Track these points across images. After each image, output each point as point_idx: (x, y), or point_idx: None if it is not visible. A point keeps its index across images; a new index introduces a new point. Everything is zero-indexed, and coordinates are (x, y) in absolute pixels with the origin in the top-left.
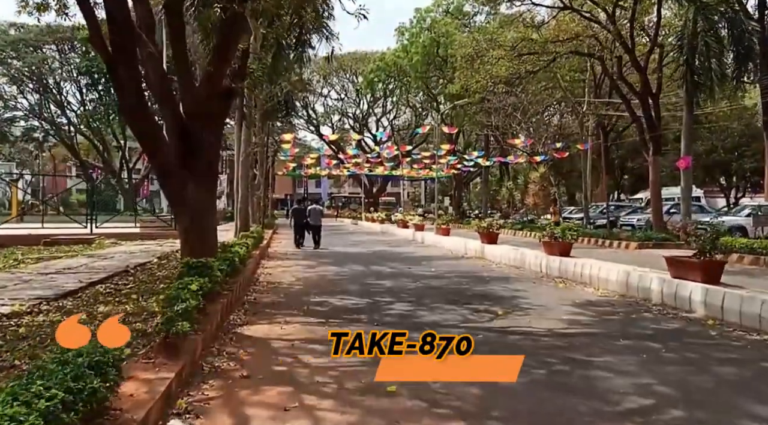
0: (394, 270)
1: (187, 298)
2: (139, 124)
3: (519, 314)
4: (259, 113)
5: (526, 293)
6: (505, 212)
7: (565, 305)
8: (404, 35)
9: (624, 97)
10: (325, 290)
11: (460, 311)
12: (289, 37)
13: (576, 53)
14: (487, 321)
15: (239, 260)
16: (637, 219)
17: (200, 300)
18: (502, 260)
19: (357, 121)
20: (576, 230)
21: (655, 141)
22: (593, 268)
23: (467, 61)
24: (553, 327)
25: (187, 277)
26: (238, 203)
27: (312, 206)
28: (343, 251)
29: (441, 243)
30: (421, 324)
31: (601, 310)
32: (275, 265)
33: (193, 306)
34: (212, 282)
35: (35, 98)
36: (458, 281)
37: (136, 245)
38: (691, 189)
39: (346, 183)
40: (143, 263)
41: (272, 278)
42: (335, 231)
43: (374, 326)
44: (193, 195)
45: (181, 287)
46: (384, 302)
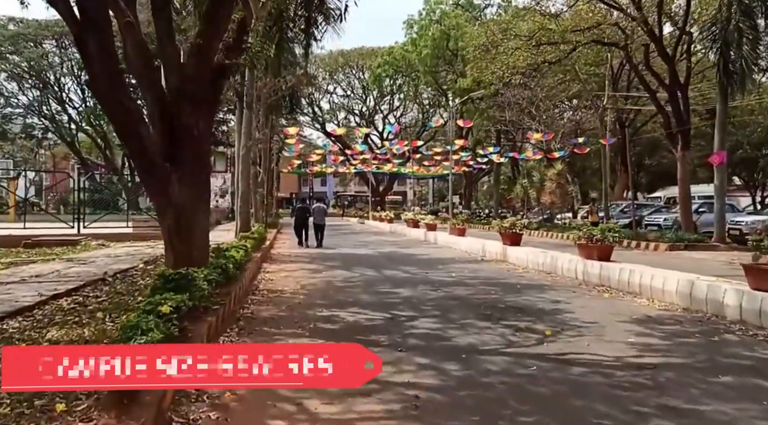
0: (410, 275)
1: (151, 328)
2: (114, 107)
3: (571, 334)
4: (262, 108)
5: (569, 306)
6: (517, 210)
7: (621, 321)
8: (413, 28)
9: (649, 88)
10: (334, 301)
11: (498, 329)
12: (295, 15)
13: (598, 43)
14: (534, 344)
15: (235, 266)
16: (663, 219)
17: (171, 328)
18: (528, 265)
19: (363, 118)
20: (618, 231)
21: (684, 135)
22: (644, 276)
23: (482, 51)
24: (621, 354)
25: (161, 294)
26: (238, 202)
27: (316, 204)
28: (351, 252)
29: (456, 244)
30: (455, 349)
31: (670, 330)
32: (278, 269)
33: (158, 339)
34: (194, 299)
35: (35, 95)
36: (485, 290)
37: (124, 247)
38: (726, 187)
39: (352, 182)
40: (126, 270)
41: (274, 285)
42: (341, 231)
43: (398, 351)
44: (179, 192)
45: (147, 310)
46: (404, 317)
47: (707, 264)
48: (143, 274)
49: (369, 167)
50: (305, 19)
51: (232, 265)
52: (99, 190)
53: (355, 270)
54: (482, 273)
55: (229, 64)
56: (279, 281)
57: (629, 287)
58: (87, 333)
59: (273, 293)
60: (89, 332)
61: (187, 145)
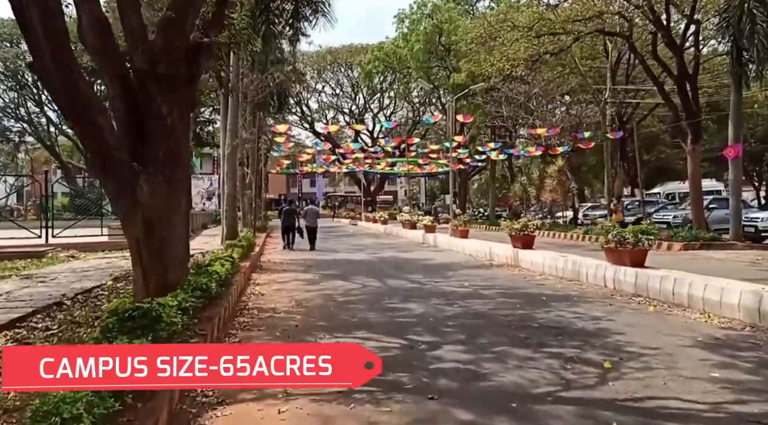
0: (417, 285)
1: (79, 414)
2: (63, 93)
3: (636, 366)
4: (249, 106)
5: (613, 324)
6: (515, 209)
7: (688, 346)
8: (404, 23)
9: (656, 79)
10: (337, 323)
11: (543, 360)
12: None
13: (601, 32)
14: (597, 383)
15: (220, 284)
16: (673, 216)
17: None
18: (545, 270)
19: (353, 117)
20: (653, 233)
21: (694, 128)
22: (695, 286)
23: (479, 43)
24: (716, 399)
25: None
26: (224, 206)
27: (308, 206)
28: (348, 258)
29: (459, 247)
30: (500, 393)
31: (753, 358)
32: (269, 280)
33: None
34: (159, 341)
35: (11, 96)
36: (508, 304)
37: (97, 258)
38: (741, 182)
39: (342, 182)
40: (90, 289)
41: (265, 301)
42: (334, 233)
43: (428, 399)
44: (150, 195)
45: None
46: (424, 344)
47: (733, 265)
48: (111, 294)
49: (361, 167)
50: (292, 12)
51: (215, 283)
52: (80, 194)
53: (355, 280)
54: (497, 281)
55: (207, 42)
56: (271, 296)
57: (674, 299)
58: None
59: (264, 312)
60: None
61: (160, 138)
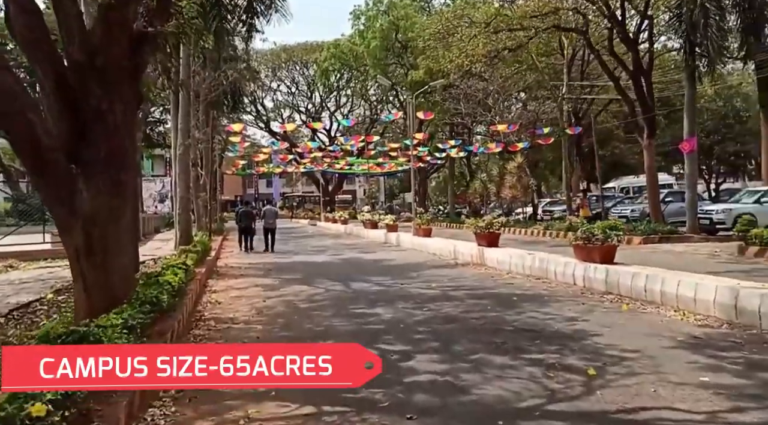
0: (383, 288)
1: None
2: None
3: (621, 372)
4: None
5: (589, 324)
6: (475, 206)
7: (670, 347)
8: (360, 19)
9: (612, 75)
10: (300, 333)
11: (523, 367)
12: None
13: (558, 28)
14: (584, 393)
15: (173, 294)
16: (631, 210)
17: None
18: (512, 268)
19: (309, 115)
20: (621, 228)
21: (650, 123)
22: (667, 282)
23: (437, 39)
24: (711, 408)
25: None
26: (177, 209)
27: (266, 206)
28: (309, 260)
29: (423, 246)
30: (483, 409)
31: (738, 358)
32: (226, 287)
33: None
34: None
35: None
36: (478, 305)
37: (38, 268)
38: (697, 175)
39: (299, 182)
40: (28, 304)
41: (222, 310)
42: (294, 234)
43: (405, 419)
44: (90, 199)
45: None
46: (396, 354)
47: (694, 258)
48: (50, 309)
49: (320, 166)
50: (245, 8)
51: (167, 294)
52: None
53: (318, 284)
54: (465, 282)
55: (153, 32)
56: (229, 304)
57: (647, 296)
58: None
59: (222, 323)
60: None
61: (101, 137)
